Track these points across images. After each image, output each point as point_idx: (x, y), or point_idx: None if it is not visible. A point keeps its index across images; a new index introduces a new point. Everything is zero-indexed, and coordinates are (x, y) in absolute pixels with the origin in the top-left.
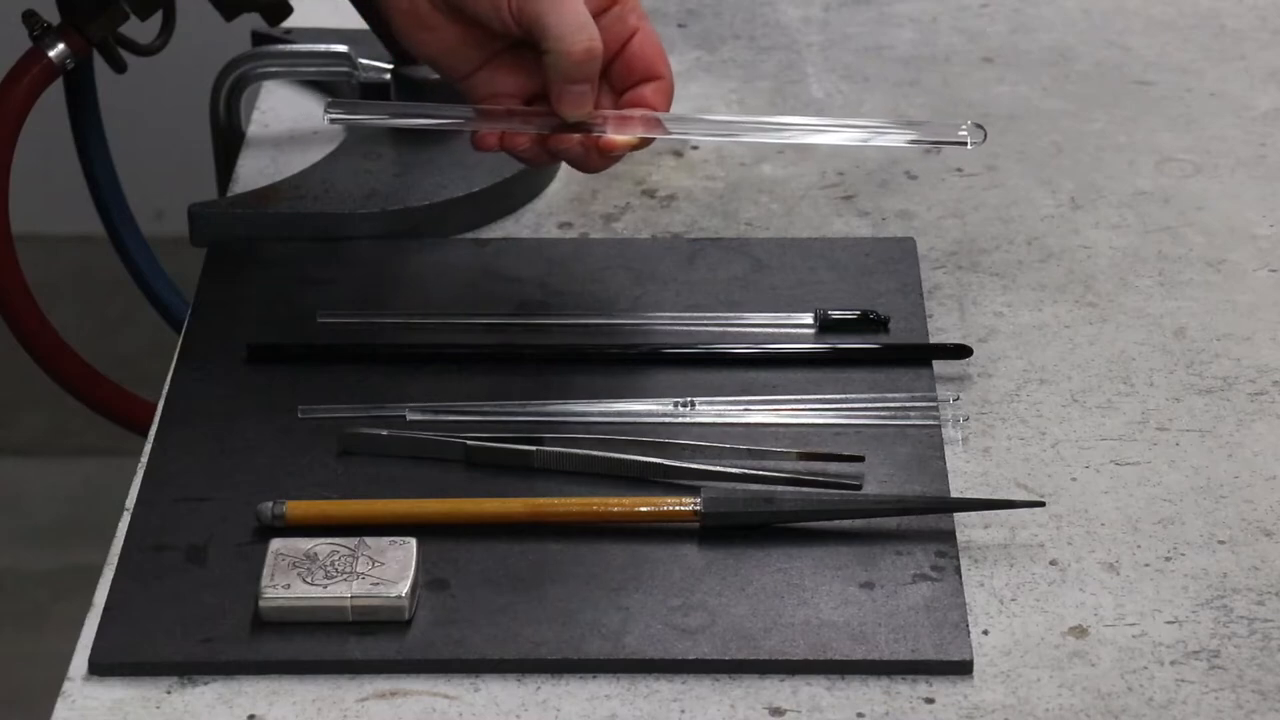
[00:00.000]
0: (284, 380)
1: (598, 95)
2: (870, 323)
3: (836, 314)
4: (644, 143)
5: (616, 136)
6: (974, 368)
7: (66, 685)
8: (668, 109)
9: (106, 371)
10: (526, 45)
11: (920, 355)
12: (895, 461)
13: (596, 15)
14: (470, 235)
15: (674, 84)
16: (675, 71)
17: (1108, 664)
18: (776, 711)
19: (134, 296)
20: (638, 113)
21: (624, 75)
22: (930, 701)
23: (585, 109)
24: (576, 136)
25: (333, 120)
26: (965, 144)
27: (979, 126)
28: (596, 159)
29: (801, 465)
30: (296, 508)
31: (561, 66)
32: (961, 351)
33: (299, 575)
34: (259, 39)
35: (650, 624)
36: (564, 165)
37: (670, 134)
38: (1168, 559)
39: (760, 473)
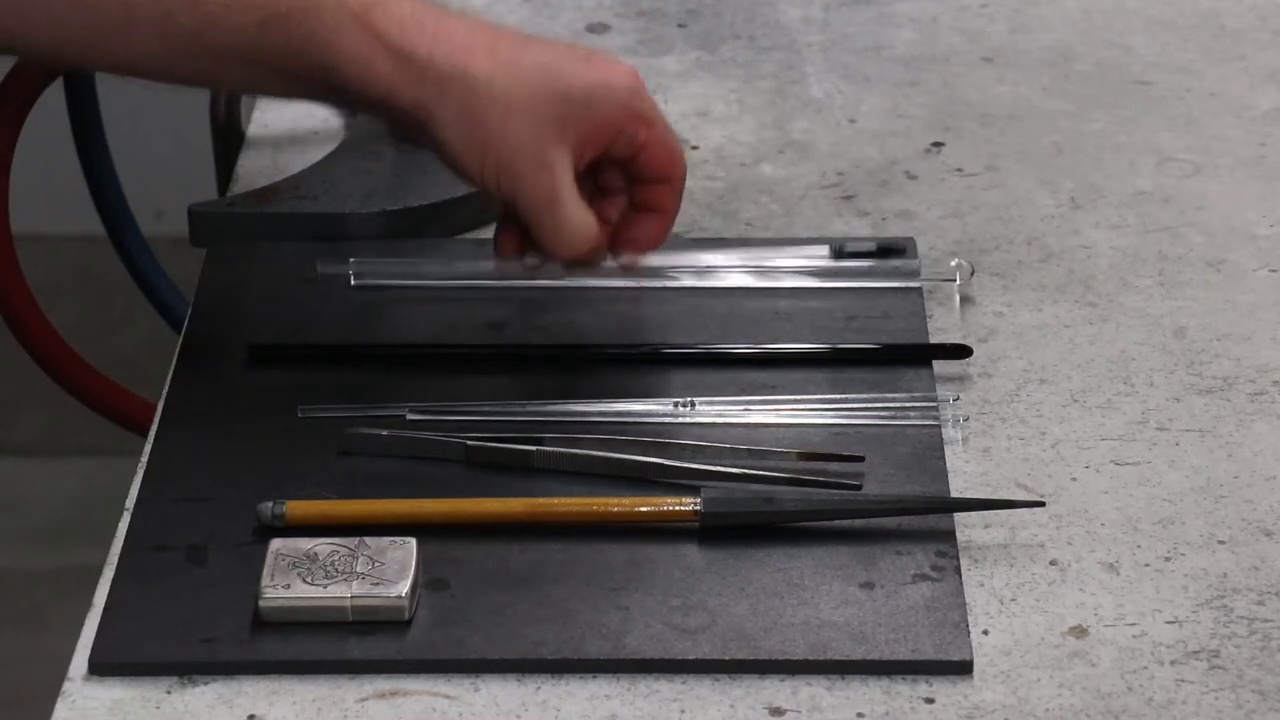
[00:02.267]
0: (284, 380)
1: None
2: (888, 252)
3: (853, 246)
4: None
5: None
6: (974, 368)
7: (66, 685)
8: (677, 204)
9: (106, 371)
10: None
11: (920, 355)
12: (895, 461)
13: (606, 144)
14: (470, 235)
15: (685, 177)
16: (675, 71)
17: (1108, 664)
18: (776, 711)
19: (134, 296)
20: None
21: (638, 175)
22: (930, 701)
23: (595, 266)
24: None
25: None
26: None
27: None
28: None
29: (801, 465)
30: (296, 508)
31: (558, 261)
32: (961, 351)
33: (299, 575)
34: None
35: (650, 624)
36: None
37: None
38: (1168, 559)
39: (760, 473)
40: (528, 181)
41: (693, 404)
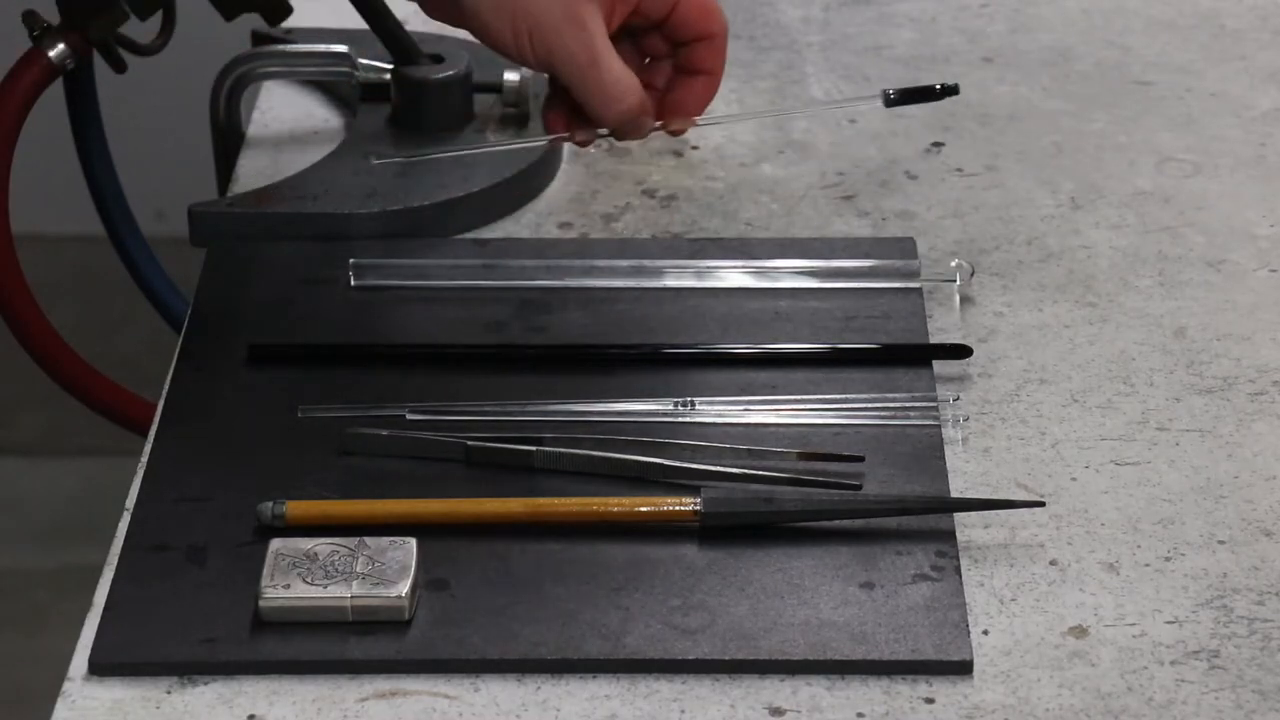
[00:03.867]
0: (284, 380)
1: (649, 59)
2: (942, 91)
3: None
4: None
5: (683, 126)
6: (974, 368)
7: (66, 685)
8: (721, 63)
9: (106, 371)
10: None
11: (920, 355)
12: (895, 461)
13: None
14: (470, 235)
15: (727, 33)
16: None
17: (1108, 664)
18: (776, 711)
19: (134, 296)
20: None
21: (675, 34)
22: (930, 701)
23: (643, 134)
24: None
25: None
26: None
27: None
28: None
29: (801, 465)
30: (296, 508)
31: (603, 124)
32: (961, 351)
33: (299, 575)
34: (259, 39)
35: (650, 624)
36: (562, 168)
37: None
38: (1168, 559)
39: (760, 473)
40: (563, 40)
41: (693, 404)
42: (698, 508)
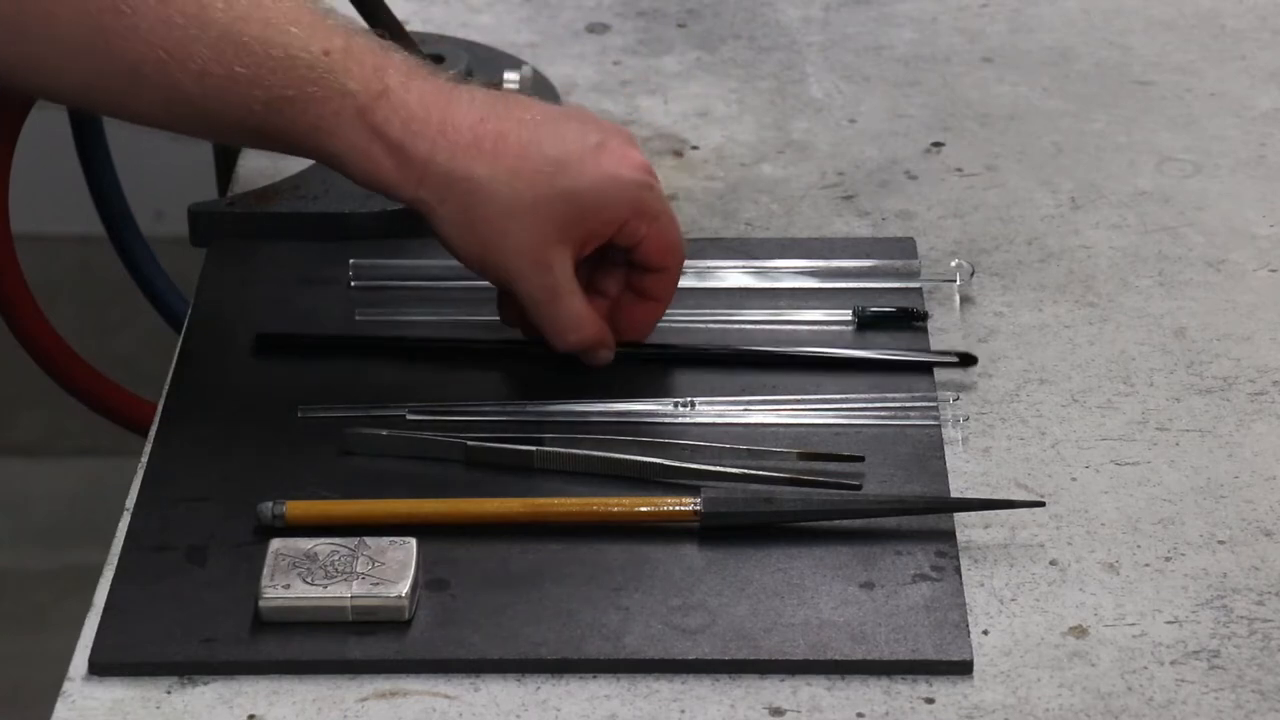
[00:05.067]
0: (285, 379)
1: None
2: (909, 316)
3: (875, 310)
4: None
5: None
6: (974, 367)
7: (66, 685)
8: (671, 293)
9: (106, 371)
10: None
11: (923, 366)
12: (895, 461)
13: (609, 237)
14: None
15: (682, 266)
16: (675, 72)
17: (1108, 664)
18: (776, 711)
19: (134, 296)
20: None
21: (636, 263)
22: (930, 701)
23: (601, 363)
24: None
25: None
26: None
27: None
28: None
29: (801, 465)
30: (296, 508)
31: (560, 350)
32: (966, 360)
33: (299, 575)
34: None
35: (650, 624)
36: None
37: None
38: (1168, 559)
39: (760, 473)
40: (526, 281)
41: (693, 404)
42: (698, 508)
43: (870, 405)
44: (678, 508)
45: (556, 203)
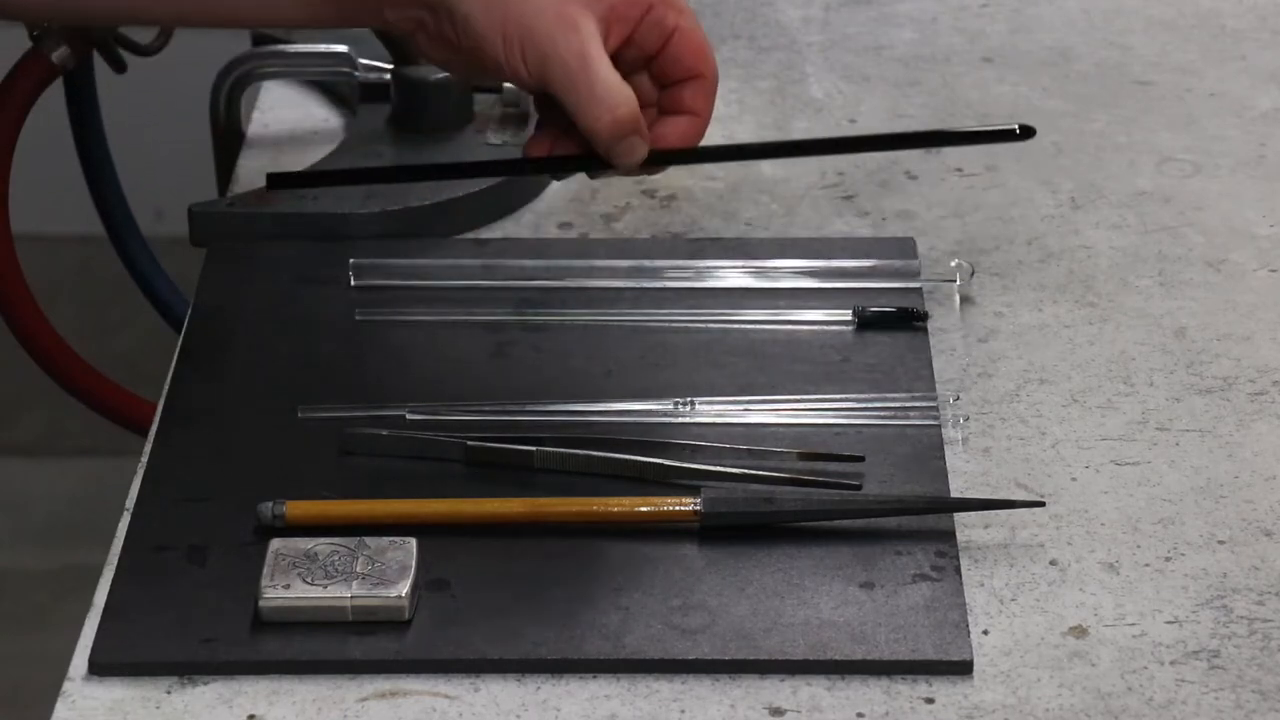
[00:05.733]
0: (285, 379)
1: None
2: (909, 316)
3: (875, 310)
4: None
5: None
6: (974, 367)
7: (66, 685)
8: (710, 106)
9: (106, 371)
10: None
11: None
12: (895, 461)
13: (634, 25)
14: (470, 235)
15: (718, 78)
16: None
17: (1108, 664)
18: (776, 711)
19: (134, 296)
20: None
21: (665, 73)
22: (930, 701)
23: (635, 157)
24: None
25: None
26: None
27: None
28: (641, 173)
29: (801, 465)
30: (296, 508)
31: (594, 137)
32: (1025, 132)
33: (299, 575)
34: (259, 39)
35: (650, 624)
36: None
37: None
38: (1168, 559)
39: (760, 473)
40: (555, 44)
41: (693, 404)
42: (698, 508)
43: (870, 405)
44: (678, 508)
45: None
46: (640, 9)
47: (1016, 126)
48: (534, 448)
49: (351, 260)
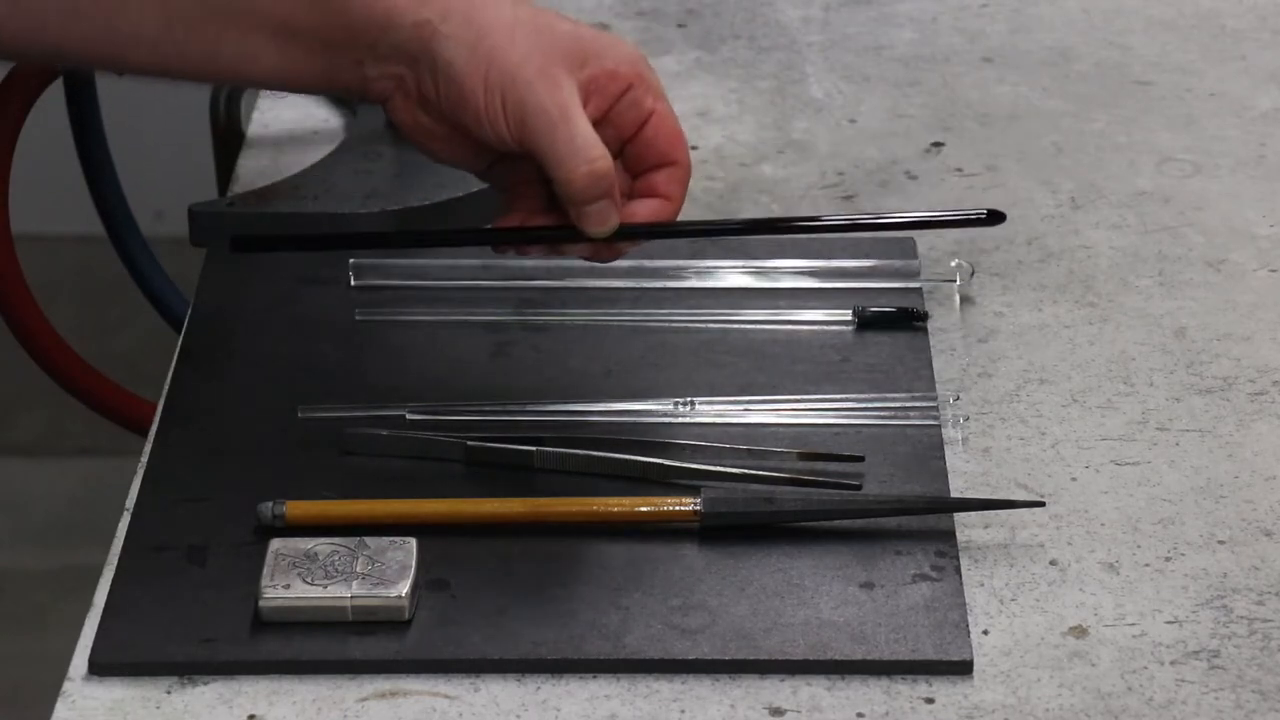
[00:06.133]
0: (285, 379)
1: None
2: (909, 316)
3: (875, 310)
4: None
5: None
6: (974, 367)
7: (66, 685)
8: (682, 193)
9: (106, 371)
10: None
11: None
12: (895, 461)
13: (612, 100)
14: None
15: (690, 168)
16: (674, 72)
17: (1108, 664)
18: (776, 711)
19: (134, 296)
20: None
21: (639, 159)
22: (930, 701)
23: (608, 225)
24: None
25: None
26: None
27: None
28: (607, 254)
29: (801, 465)
30: (296, 508)
31: (570, 192)
32: (995, 217)
33: (299, 575)
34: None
35: (650, 624)
36: None
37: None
38: (1168, 559)
39: (760, 473)
40: (535, 95)
41: (693, 404)
42: (698, 508)
43: (870, 405)
44: (678, 508)
45: (562, 37)
46: (619, 86)
47: (985, 212)
48: (534, 448)
49: (351, 260)
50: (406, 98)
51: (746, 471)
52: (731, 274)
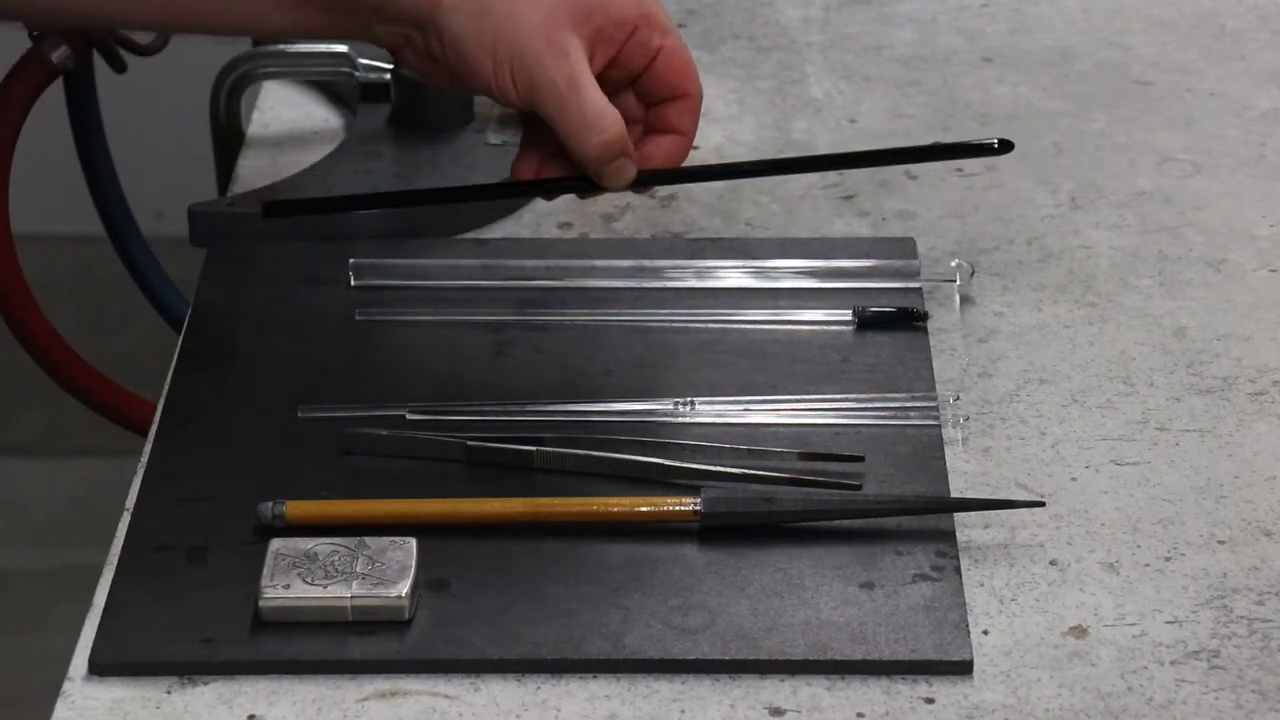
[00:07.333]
0: (285, 379)
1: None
2: (909, 316)
3: (875, 310)
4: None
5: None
6: (974, 367)
7: (66, 685)
8: (694, 124)
9: (106, 371)
10: None
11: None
12: (895, 461)
13: (619, 46)
14: (470, 235)
15: (702, 97)
16: None
17: (1108, 664)
18: (776, 711)
19: (134, 296)
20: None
21: (651, 92)
22: (930, 701)
23: (624, 180)
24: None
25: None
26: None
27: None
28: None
29: (801, 465)
30: (296, 508)
31: (583, 160)
32: (1004, 146)
33: (299, 575)
34: (259, 39)
35: (650, 624)
36: None
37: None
38: (1168, 559)
39: (760, 473)
40: (544, 67)
41: (693, 404)
42: (698, 508)
43: (870, 405)
44: (678, 508)
45: None
46: (625, 30)
47: (995, 141)
48: (534, 448)
49: (351, 260)
50: (415, 53)
51: (746, 471)
52: (731, 274)
